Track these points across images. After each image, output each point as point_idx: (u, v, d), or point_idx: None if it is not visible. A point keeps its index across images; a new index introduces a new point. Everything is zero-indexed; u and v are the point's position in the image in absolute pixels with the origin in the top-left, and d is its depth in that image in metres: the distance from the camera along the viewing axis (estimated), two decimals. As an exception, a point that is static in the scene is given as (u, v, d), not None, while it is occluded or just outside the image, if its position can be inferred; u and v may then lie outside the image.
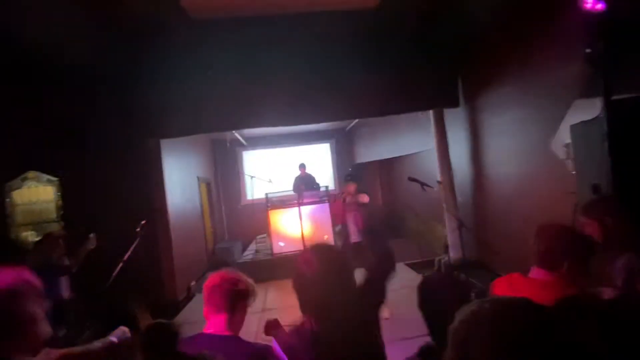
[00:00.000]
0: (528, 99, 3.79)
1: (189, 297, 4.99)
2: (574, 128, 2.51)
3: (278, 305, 4.61)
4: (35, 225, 4.56)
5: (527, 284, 1.38)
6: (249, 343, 1.32)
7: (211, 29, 4.09)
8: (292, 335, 1.13)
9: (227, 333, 1.29)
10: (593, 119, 2.21)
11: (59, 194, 4.58)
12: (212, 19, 3.97)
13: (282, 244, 6.59)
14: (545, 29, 3.29)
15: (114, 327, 1.41)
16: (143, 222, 3.27)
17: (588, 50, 2.15)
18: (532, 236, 1.42)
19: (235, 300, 1.32)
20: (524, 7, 3.58)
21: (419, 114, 5.78)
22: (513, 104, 4.06)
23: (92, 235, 3.02)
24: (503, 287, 1.41)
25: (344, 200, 4.49)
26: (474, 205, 4.91)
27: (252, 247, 7.64)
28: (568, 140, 2.90)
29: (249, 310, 1.40)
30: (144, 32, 3.98)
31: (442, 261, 4.96)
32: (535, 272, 1.38)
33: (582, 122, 2.38)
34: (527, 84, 3.77)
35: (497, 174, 4.44)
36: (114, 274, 2.58)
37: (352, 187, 4.47)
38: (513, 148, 4.11)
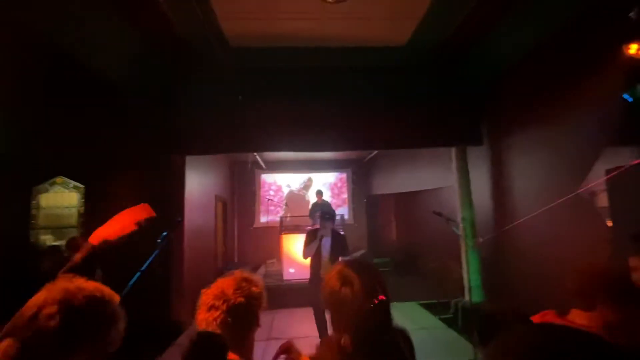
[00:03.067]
0: (554, 141, 3.74)
1: (194, 316, 4.86)
2: (610, 173, 2.43)
3: (285, 335, 4.43)
4: (54, 229, 4.64)
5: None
6: None
7: (246, 56, 4.31)
8: (321, 349, 1.07)
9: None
10: (633, 164, 2.15)
11: (83, 200, 4.68)
12: (247, 48, 4.19)
13: (292, 270, 6.46)
14: (576, 71, 3.31)
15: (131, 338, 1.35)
16: (179, 219, 3.17)
17: (627, 95, 2.13)
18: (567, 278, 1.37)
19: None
20: (554, 49, 3.63)
21: (440, 149, 5.78)
22: (538, 146, 4.00)
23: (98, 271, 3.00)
24: None
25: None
26: (495, 246, 4.73)
27: (262, 270, 7.53)
28: (601, 185, 2.82)
29: (255, 337, 1.29)
30: (184, 56, 4.22)
31: (460, 303, 4.72)
32: (572, 314, 1.33)
33: (619, 167, 2.31)
34: (554, 126, 3.73)
35: (521, 215, 4.30)
36: (130, 284, 2.54)
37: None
38: (538, 190, 4.00)
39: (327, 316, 1.13)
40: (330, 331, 1.11)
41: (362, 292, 1.02)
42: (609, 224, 2.55)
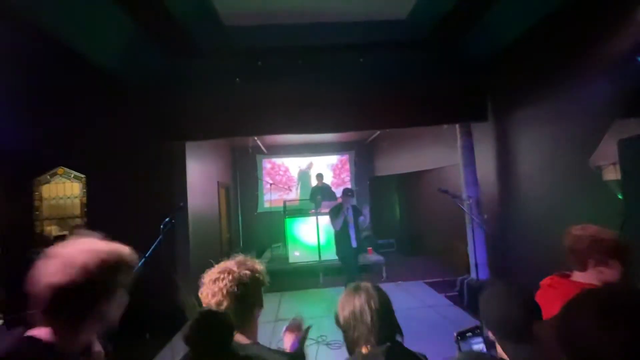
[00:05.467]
0: (561, 115, 3.63)
1: (200, 304, 4.92)
2: (622, 144, 2.35)
3: (292, 316, 4.49)
4: (59, 220, 4.65)
5: (569, 284, 1.41)
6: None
7: (241, 35, 4.16)
8: None
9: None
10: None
11: (85, 190, 4.67)
12: (243, 27, 4.04)
13: (297, 253, 6.50)
14: (584, 40, 3.17)
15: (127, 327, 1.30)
16: (182, 203, 3.19)
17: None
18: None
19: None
20: (561, 19, 3.47)
21: (444, 127, 5.68)
22: (545, 120, 3.89)
23: None
24: (546, 290, 1.44)
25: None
26: (501, 223, 4.70)
27: (267, 254, 7.58)
28: (610, 158, 2.74)
29: (262, 319, 1.28)
30: (177, 38, 4.09)
31: (465, 281, 4.74)
32: (575, 275, 1.45)
33: (632, 137, 2.23)
34: (561, 99, 3.61)
35: (527, 191, 4.25)
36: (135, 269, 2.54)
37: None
38: (544, 165, 3.92)
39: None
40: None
41: (377, 311, 1.12)
42: (620, 196, 2.49)
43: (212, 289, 1.17)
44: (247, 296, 1.18)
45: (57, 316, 0.83)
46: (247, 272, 1.20)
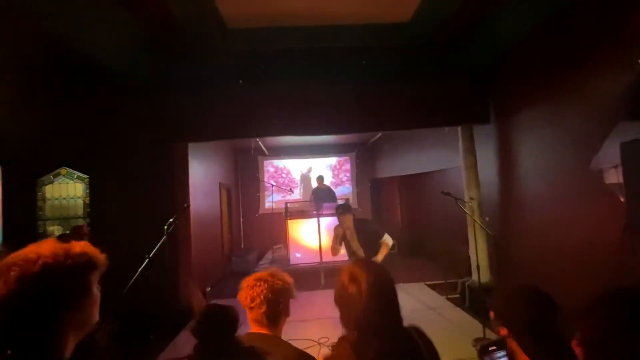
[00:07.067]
0: (563, 117, 3.64)
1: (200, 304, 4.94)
2: (625, 147, 2.36)
3: (294, 318, 4.49)
4: (62, 220, 4.67)
5: None
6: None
7: (244, 38, 4.19)
8: (336, 349, 1.08)
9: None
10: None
11: (88, 191, 4.69)
12: (246, 29, 4.06)
13: (298, 254, 6.51)
14: (587, 43, 3.18)
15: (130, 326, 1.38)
16: (186, 204, 3.18)
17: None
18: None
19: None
20: (564, 22, 3.49)
21: (446, 130, 5.69)
22: (547, 122, 3.90)
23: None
24: None
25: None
26: (502, 225, 4.70)
27: (269, 256, 7.59)
28: (612, 161, 2.74)
29: None
30: (181, 41, 4.11)
31: (467, 283, 4.74)
32: None
33: (634, 140, 2.23)
34: (564, 102, 3.62)
35: (529, 194, 4.25)
36: (139, 270, 2.57)
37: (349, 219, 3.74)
38: (546, 168, 3.93)
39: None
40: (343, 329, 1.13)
41: (368, 291, 1.04)
42: (622, 199, 2.50)
43: (251, 293, 1.32)
44: (278, 303, 1.34)
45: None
46: (280, 282, 1.37)
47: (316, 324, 4.07)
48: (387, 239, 3.56)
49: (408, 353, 1.02)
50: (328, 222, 6.35)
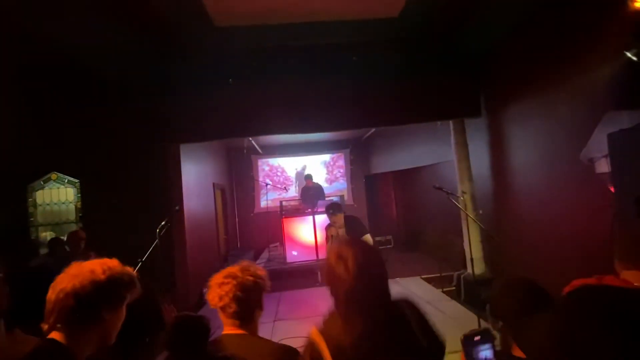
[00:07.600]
0: (553, 109, 3.67)
1: (200, 304, 4.93)
2: (612, 137, 2.38)
3: (291, 315, 4.50)
4: (54, 225, 4.62)
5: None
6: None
7: (232, 36, 4.15)
8: (327, 324, 1.10)
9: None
10: (636, 126, 2.09)
11: (79, 195, 4.64)
12: (234, 27, 4.02)
13: (295, 252, 6.52)
14: (576, 35, 3.20)
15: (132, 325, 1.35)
16: (177, 207, 3.18)
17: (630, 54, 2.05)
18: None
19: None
20: (552, 14, 3.50)
21: (438, 124, 5.70)
22: (538, 114, 3.93)
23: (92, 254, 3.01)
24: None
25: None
26: (496, 218, 4.74)
27: (265, 255, 7.59)
28: (601, 151, 2.77)
29: (261, 320, 1.38)
30: (168, 40, 4.06)
31: (462, 276, 4.78)
32: (624, 274, 1.19)
33: (622, 130, 2.26)
34: (553, 94, 3.65)
35: (521, 186, 4.29)
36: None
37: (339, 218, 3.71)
38: (538, 160, 3.96)
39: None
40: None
41: (355, 268, 1.03)
42: (611, 189, 2.53)
43: (219, 293, 1.26)
44: (249, 300, 1.27)
45: (68, 320, 0.89)
46: (250, 277, 1.30)
47: (313, 321, 4.07)
48: (368, 238, 3.62)
49: (396, 325, 1.03)
50: (323, 220, 6.36)
